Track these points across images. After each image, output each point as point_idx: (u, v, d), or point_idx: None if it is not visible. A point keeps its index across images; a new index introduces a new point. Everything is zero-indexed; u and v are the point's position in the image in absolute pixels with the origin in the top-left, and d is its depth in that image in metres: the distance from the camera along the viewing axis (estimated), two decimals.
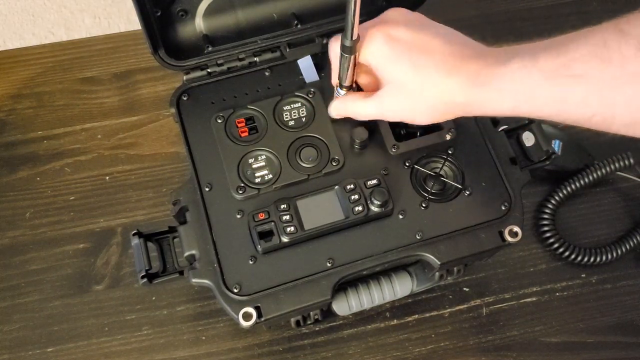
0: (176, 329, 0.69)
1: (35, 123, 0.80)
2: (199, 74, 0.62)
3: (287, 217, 0.54)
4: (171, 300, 0.70)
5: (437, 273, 0.59)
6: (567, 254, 0.71)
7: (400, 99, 0.52)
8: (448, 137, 0.58)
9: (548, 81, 0.43)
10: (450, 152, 0.59)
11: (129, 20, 0.95)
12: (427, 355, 0.68)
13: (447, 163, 0.59)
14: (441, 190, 0.57)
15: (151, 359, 0.67)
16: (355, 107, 0.56)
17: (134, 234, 0.56)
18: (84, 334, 0.68)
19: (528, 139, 0.61)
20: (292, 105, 0.60)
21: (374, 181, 0.56)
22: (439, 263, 0.55)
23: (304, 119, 0.60)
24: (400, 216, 0.56)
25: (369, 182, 0.56)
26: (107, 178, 0.76)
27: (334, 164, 0.58)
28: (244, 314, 0.52)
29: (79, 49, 0.85)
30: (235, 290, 0.53)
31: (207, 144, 0.59)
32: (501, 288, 0.71)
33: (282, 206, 0.55)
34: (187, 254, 0.55)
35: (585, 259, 0.71)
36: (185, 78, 0.62)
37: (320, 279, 0.54)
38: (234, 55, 0.62)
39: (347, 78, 0.55)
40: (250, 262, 0.54)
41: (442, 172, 0.58)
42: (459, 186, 0.57)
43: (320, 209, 0.55)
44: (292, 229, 0.54)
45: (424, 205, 0.57)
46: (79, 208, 0.75)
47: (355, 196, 0.55)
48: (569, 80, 0.42)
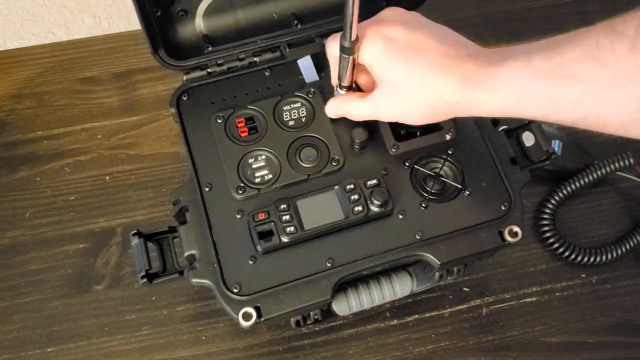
0: (176, 329, 0.69)
1: (35, 123, 0.80)
2: (199, 74, 0.62)
3: (287, 217, 0.54)
4: (171, 300, 0.70)
5: (437, 273, 0.59)
6: (567, 254, 0.71)
7: (394, 100, 0.52)
8: (448, 137, 0.58)
9: (543, 81, 0.43)
10: (450, 152, 0.59)
11: (129, 20, 0.95)
12: (427, 355, 0.68)
13: (447, 163, 0.58)
14: (441, 190, 0.57)
15: (151, 359, 0.67)
16: (350, 108, 0.56)
17: (134, 234, 0.56)
18: (84, 334, 0.68)
19: (528, 139, 0.61)
20: (292, 105, 0.61)
21: (374, 181, 0.56)
22: (439, 263, 0.55)
23: (303, 119, 0.60)
24: (400, 216, 0.56)
25: (369, 182, 0.56)
26: (107, 178, 0.76)
27: (333, 164, 0.58)
28: (243, 314, 0.52)
29: (79, 49, 0.85)
30: (235, 290, 0.53)
31: (207, 144, 0.59)
32: (501, 288, 0.71)
33: (282, 206, 0.55)
34: (187, 254, 0.55)
35: (585, 259, 0.71)
36: (185, 78, 0.62)
37: (320, 279, 0.54)
38: (234, 55, 0.62)
39: (347, 78, 0.55)
40: (250, 262, 0.54)
41: (442, 172, 0.58)
42: (459, 186, 0.57)
43: (320, 209, 0.55)
44: (292, 229, 0.54)
45: (423, 205, 0.57)
46: (79, 208, 0.75)
47: (355, 196, 0.55)
48: (564, 81, 0.42)
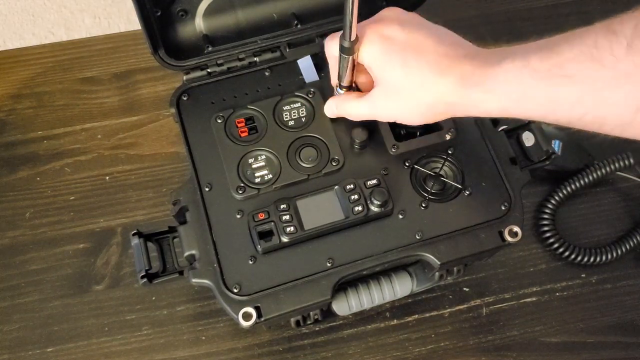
0: (176, 329, 0.69)
1: (35, 123, 0.80)
2: (199, 74, 0.62)
3: (287, 217, 0.54)
4: (171, 300, 0.70)
5: (437, 273, 0.59)
6: (567, 254, 0.71)
7: (392, 99, 0.52)
8: (448, 137, 0.58)
9: (541, 81, 0.43)
10: (450, 152, 0.59)
11: (129, 20, 0.95)
12: (427, 355, 0.68)
13: (447, 163, 0.58)
14: (441, 190, 0.57)
15: (151, 359, 0.67)
16: (349, 107, 0.56)
17: (134, 234, 0.56)
18: (84, 334, 0.68)
19: (528, 139, 0.61)
20: (292, 105, 0.61)
21: (374, 181, 0.56)
22: (439, 263, 0.55)
23: (303, 119, 0.60)
24: (400, 216, 0.56)
25: (369, 182, 0.56)
26: (107, 178, 0.76)
27: (333, 164, 0.58)
28: (243, 314, 0.52)
29: (79, 49, 0.85)
30: (235, 290, 0.53)
31: (207, 144, 0.59)
32: (501, 288, 0.71)
33: (282, 206, 0.55)
34: (187, 254, 0.55)
35: (585, 259, 0.71)
36: (185, 78, 0.62)
37: (320, 279, 0.54)
38: (234, 55, 0.62)
39: (346, 78, 0.55)
40: (250, 262, 0.54)
41: (442, 172, 0.58)
42: (459, 186, 0.57)
43: (320, 209, 0.55)
44: (292, 229, 0.54)
45: (423, 205, 0.57)
46: (79, 208, 0.75)
47: (355, 196, 0.55)
48: (562, 81, 0.42)
